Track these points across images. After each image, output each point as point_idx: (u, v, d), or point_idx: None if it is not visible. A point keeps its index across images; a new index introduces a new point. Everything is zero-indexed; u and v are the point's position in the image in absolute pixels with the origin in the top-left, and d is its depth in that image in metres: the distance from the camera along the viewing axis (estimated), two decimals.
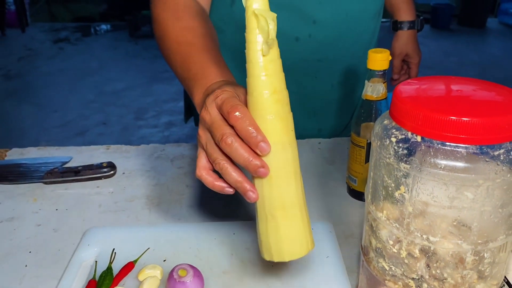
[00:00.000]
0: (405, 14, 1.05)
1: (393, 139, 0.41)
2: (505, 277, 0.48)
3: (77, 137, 3.08)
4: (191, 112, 1.09)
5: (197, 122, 1.05)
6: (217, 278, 0.56)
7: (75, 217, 0.70)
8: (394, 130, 0.42)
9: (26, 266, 0.60)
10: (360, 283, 0.52)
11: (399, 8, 1.06)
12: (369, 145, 0.68)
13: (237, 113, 0.43)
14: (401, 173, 0.40)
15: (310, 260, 0.58)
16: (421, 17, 1.10)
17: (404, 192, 0.41)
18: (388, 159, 0.41)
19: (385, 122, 0.44)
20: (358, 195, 0.73)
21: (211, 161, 0.47)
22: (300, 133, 0.93)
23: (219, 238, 0.62)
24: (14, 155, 0.87)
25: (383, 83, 0.66)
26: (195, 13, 0.71)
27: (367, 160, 0.69)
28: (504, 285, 0.49)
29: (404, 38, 1.06)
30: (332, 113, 0.95)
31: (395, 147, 0.41)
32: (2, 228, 0.67)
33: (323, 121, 0.95)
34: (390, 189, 0.42)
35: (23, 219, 0.69)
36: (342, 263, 0.58)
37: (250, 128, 0.43)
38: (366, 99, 0.67)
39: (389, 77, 1.11)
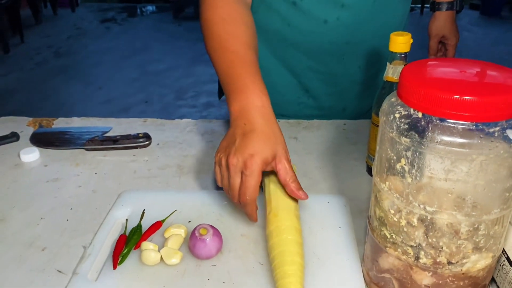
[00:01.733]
0: None
1: (397, 115, 0.44)
2: (505, 252, 0.51)
3: (120, 114, 3.20)
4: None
5: None
6: (235, 239, 0.61)
7: (112, 181, 0.76)
8: (398, 107, 0.45)
9: (67, 220, 0.67)
10: (365, 251, 0.55)
11: None
12: None
13: (247, 197, 0.58)
14: (402, 147, 0.44)
15: (323, 229, 0.62)
16: None
17: (404, 165, 0.44)
18: (391, 133, 0.44)
19: (392, 99, 0.47)
20: None
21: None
22: (326, 112, 0.97)
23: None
24: (61, 123, 0.95)
25: (404, 65, 0.68)
26: (241, 18, 0.73)
27: None
28: (504, 261, 0.51)
29: (442, 19, 1.06)
30: (357, 93, 0.97)
31: (398, 122, 0.44)
32: (48, 187, 0.75)
33: (348, 100, 0.98)
34: (392, 161, 0.45)
35: (66, 180, 0.77)
36: (353, 233, 0.62)
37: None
38: (387, 81, 0.70)
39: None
